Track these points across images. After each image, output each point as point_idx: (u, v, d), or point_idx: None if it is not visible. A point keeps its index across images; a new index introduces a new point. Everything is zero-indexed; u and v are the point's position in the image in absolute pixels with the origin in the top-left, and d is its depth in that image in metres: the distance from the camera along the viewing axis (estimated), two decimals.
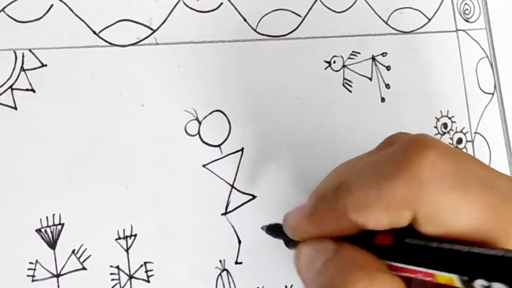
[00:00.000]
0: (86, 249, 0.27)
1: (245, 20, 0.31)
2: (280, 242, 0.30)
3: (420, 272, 0.21)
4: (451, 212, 0.20)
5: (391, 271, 0.21)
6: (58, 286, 0.26)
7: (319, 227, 0.24)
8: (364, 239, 0.22)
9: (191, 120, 0.29)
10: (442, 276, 0.20)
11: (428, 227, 0.21)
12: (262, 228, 0.29)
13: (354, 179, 0.22)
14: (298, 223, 0.25)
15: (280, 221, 0.26)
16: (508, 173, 0.37)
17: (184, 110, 0.29)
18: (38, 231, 0.26)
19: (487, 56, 0.38)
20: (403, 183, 0.20)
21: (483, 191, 0.20)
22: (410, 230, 0.21)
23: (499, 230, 0.20)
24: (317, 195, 0.25)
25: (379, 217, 0.21)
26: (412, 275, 0.21)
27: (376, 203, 0.21)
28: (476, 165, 0.21)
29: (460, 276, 0.19)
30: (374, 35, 0.34)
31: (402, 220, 0.21)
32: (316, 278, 0.23)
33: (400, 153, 0.21)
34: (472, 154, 0.36)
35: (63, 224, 0.27)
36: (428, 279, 0.21)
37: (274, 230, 0.28)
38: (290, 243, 0.26)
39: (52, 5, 0.28)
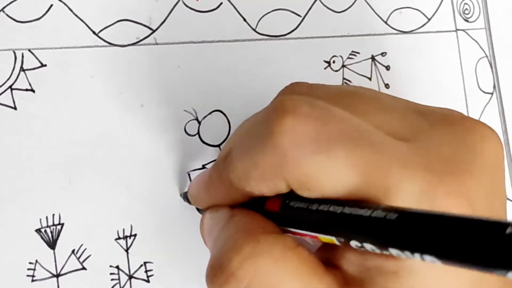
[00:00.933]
0: (86, 249, 0.27)
1: (244, 20, 0.31)
2: None
3: (306, 235, 0.20)
4: (319, 177, 0.19)
5: (283, 232, 0.21)
6: (58, 286, 0.26)
7: (214, 197, 0.24)
8: (257, 205, 0.22)
9: (190, 120, 0.29)
10: (325, 238, 0.20)
11: (304, 193, 0.20)
12: (180, 195, 0.29)
13: (235, 149, 0.22)
14: (197, 193, 0.25)
15: None
16: (508, 175, 0.37)
17: (184, 110, 0.29)
18: (38, 231, 0.26)
19: (487, 56, 0.38)
20: (269, 152, 0.20)
21: (350, 149, 0.19)
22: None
23: (377, 185, 0.19)
24: (215, 163, 0.25)
25: (260, 187, 0.21)
26: (302, 236, 0.21)
27: (253, 173, 0.21)
28: (347, 122, 0.20)
29: (337, 237, 0.19)
30: (374, 35, 0.34)
31: (279, 188, 0.20)
32: (214, 246, 0.23)
33: (264, 120, 0.21)
34: None
35: (63, 224, 0.27)
36: (314, 240, 0.20)
37: (187, 197, 0.28)
38: (201, 210, 0.26)
39: (51, 5, 0.28)
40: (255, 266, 0.19)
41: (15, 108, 0.26)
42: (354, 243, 0.18)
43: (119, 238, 0.27)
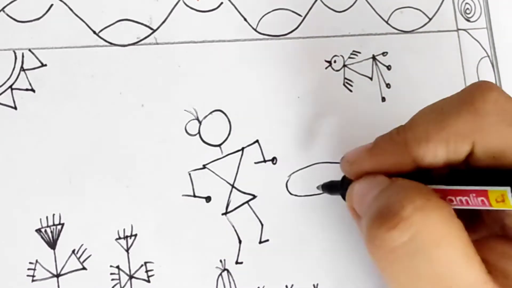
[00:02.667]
0: (86, 249, 0.27)
1: (245, 19, 0.31)
2: (280, 244, 0.31)
3: (473, 191, 0.21)
4: (508, 147, 0.21)
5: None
6: (58, 286, 0.26)
7: (377, 160, 0.25)
8: (419, 177, 0.23)
9: (191, 120, 0.29)
10: (495, 192, 0.20)
11: (483, 159, 0.22)
12: (317, 187, 0.30)
13: (417, 116, 0.24)
14: (357, 157, 0.26)
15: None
16: None
17: (184, 110, 0.29)
18: (38, 231, 0.26)
19: (488, 56, 0.37)
20: (467, 116, 0.22)
21: None
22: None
23: None
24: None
25: (438, 150, 0.22)
26: (464, 204, 0.22)
27: (436, 135, 0.22)
28: None
29: None
30: (375, 34, 0.34)
31: (459, 152, 0.22)
32: (369, 207, 0.24)
33: (465, 92, 0.23)
34: None
35: (63, 224, 0.27)
36: (480, 199, 0.21)
37: (330, 187, 0.29)
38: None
39: (52, 5, 0.28)
40: (426, 218, 0.21)
41: (15, 108, 0.26)
42: None
43: (119, 238, 0.27)
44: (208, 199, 0.29)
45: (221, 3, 0.31)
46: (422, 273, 0.21)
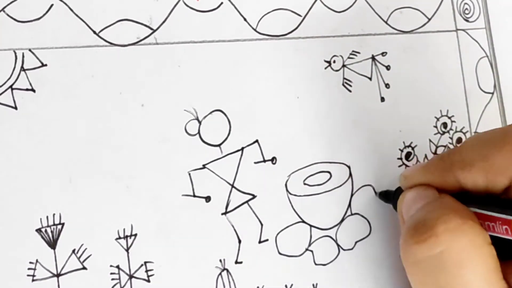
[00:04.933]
0: (86, 248, 0.27)
1: (245, 19, 0.31)
2: (279, 242, 0.31)
3: (500, 219, 0.23)
4: None
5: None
6: (58, 286, 0.26)
7: (427, 176, 0.27)
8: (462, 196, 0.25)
9: (191, 120, 0.29)
10: None
11: None
12: (375, 193, 0.32)
13: (467, 142, 0.26)
14: (412, 172, 0.29)
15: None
16: None
17: (184, 110, 0.29)
18: (38, 230, 0.26)
19: (487, 56, 0.38)
20: (508, 152, 0.23)
21: None
22: None
23: None
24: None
25: (478, 178, 0.24)
26: (491, 230, 0.23)
27: (478, 163, 0.24)
28: None
29: None
30: (374, 34, 0.34)
31: (497, 184, 0.24)
32: (411, 217, 0.26)
33: (509, 128, 0.24)
34: None
35: (63, 224, 0.27)
36: (504, 227, 0.23)
37: (386, 195, 0.32)
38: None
39: (52, 5, 0.28)
40: (457, 239, 0.22)
41: (15, 108, 0.26)
42: None
43: (119, 237, 0.28)
44: (207, 199, 0.29)
45: (221, 3, 0.31)
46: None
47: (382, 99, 0.34)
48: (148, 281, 0.28)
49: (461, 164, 0.25)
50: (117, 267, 0.27)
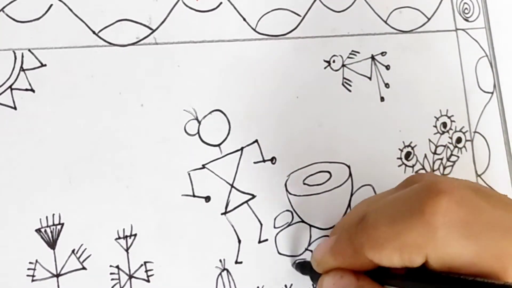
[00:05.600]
0: (86, 249, 0.27)
1: (244, 19, 0.31)
2: (279, 242, 0.31)
3: None
4: (462, 259, 0.21)
5: None
6: (58, 286, 0.26)
7: (340, 260, 0.25)
8: (381, 273, 0.24)
9: (190, 120, 0.29)
10: None
11: (438, 268, 0.22)
12: (292, 264, 0.30)
13: (372, 218, 0.24)
14: (322, 256, 0.26)
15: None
16: (507, 173, 0.37)
17: (184, 110, 0.29)
18: (38, 231, 0.26)
19: (487, 55, 0.38)
20: (417, 228, 0.22)
21: (494, 239, 0.21)
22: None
23: (499, 268, 0.21)
24: (340, 228, 0.27)
25: (392, 257, 0.22)
26: None
27: (390, 243, 0.22)
28: (489, 211, 0.22)
29: None
30: (374, 34, 0.34)
31: (413, 262, 0.22)
32: None
33: (416, 198, 0.22)
34: (471, 153, 0.36)
35: (63, 224, 0.27)
36: None
37: (302, 266, 0.30)
38: (315, 279, 0.28)
39: (51, 5, 0.28)
40: None
41: (15, 108, 0.26)
42: None
43: (119, 238, 0.28)
44: (207, 199, 0.29)
45: (220, 3, 0.31)
46: None
47: (382, 99, 0.34)
48: (148, 281, 0.28)
49: (371, 247, 0.23)
50: (117, 267, 0.27)
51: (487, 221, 0.22)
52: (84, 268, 0.27)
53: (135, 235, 0.28)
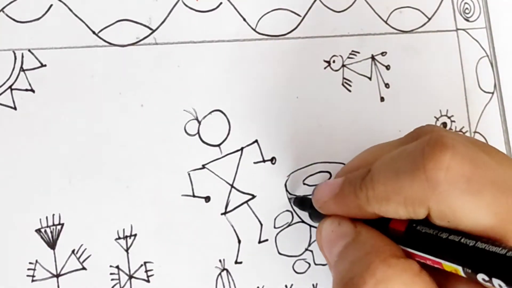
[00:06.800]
0: (86, 249, 0.27)
1: (244, 19, 0.31)
2: (279, 242, 0.31)
3: (429, 259, 0.22)
4: (463, 214, 0.21)
5: (406, 255, 0.23)
6: (58, 286, 0.26)
7: (343, 209, 0.26)
8: (381, 223, 0.24)
9: (190, 120, 0.29)
10: (449, 266, 0.21)
11: (440, 223, 0.22)
12: (289, 199, 0.30)
13: (377, 172, 0.24)
14: (325, 201, 0.27)
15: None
16: None
17: (184, 110, 0.29)
18: (38, 231, 0.26)
19: (487, 55, 0.38)
20: (419, 183, 0.22)
21: (496, 196, 0.21)
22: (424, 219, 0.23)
23: (508, 230, 0.21)
24: (345, 175, 0.27)
25: (397, 210, 0.23)
26: (422, 261, 0.23)
27: (394, 197, 0.23)
28: (493, 168, 0.22)
29: (464, 268, 0.21)
30: (374, 34, 0.34)
31: (417, 214, 0.23)
32: (336, 263, 0.25)
33: (419, 152, 0.23)
34: None
35: (63, 224, 0.27)
36: (436, 266, 0.22)
37: (301, 202, 0.30)
38: (314, 216, 0.28)
39: (51, 5, 0.28)
40: (389, 286, 0.22)
41: (15, 108, 0.26)
42: (481, 276, 0.20)
43: (119, 238, 0.28)
44: (207, 199, 0.29)
45: (220, 3, 0.31)
46: None
47: (382, 99, 0.34)
48: (148, 281, 0.28)
49: (377, 200, 0.24)
50: (117, 267, 0.27)
51: (492, 178, 0.22)
52: (84, 268, 0.27)
53: (135, 235, 0.28)
